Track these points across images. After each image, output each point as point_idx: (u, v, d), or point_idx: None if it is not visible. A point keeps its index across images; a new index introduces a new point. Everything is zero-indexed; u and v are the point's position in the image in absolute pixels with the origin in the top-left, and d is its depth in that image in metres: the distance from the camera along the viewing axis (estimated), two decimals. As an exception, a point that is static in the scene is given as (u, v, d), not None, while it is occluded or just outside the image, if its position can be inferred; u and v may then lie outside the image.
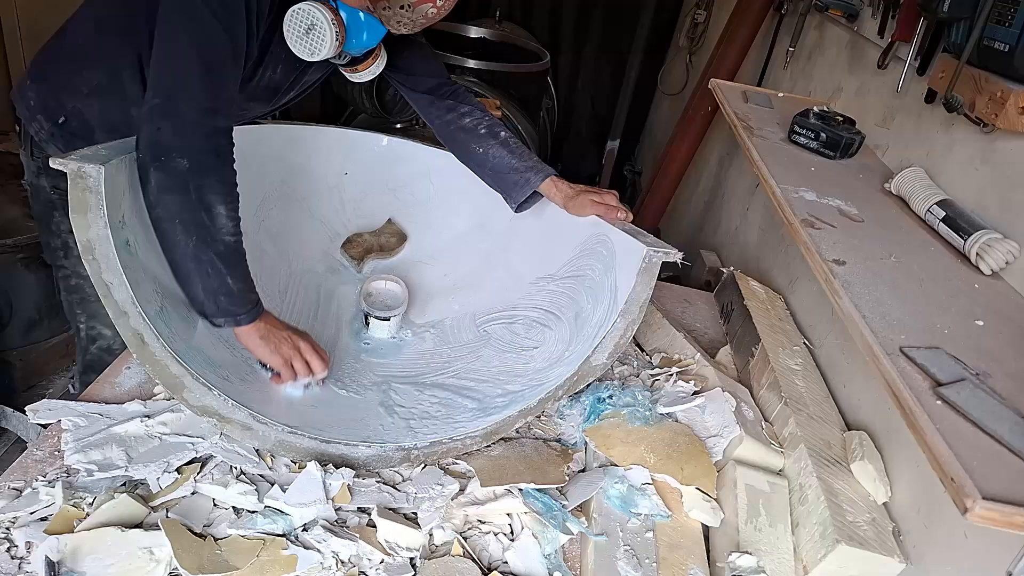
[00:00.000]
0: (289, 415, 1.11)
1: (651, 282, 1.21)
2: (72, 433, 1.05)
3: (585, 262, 1.37)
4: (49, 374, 2.10)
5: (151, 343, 1.04)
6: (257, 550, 0.92)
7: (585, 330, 1.27)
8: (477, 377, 1.32)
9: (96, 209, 1.02)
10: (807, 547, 1.01)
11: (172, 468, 1.02)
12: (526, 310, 1.42)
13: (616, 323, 1.20)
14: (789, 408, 1.19)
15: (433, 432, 1.16)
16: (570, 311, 1.35)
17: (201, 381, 1.06)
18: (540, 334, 1.36)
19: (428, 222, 1.62)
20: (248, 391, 1.12)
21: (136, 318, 1.03)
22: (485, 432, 1.15)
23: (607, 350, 1.19)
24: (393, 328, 1.40)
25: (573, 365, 1.20)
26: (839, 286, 0.97)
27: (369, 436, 1.12)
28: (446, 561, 0.96)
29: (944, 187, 1.22)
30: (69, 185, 1.01)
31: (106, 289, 1.02)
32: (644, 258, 1.21)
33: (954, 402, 0.77)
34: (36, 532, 0.91)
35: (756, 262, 1.89)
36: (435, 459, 1.13)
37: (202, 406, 1.05)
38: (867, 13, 1.63)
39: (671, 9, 3.49)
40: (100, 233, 1.02)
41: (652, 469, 1.13)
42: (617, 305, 1.22)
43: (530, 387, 1.24)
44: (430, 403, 1.25)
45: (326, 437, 1.09)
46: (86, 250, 1.02)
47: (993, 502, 0.65)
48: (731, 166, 2.39)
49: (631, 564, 0.98)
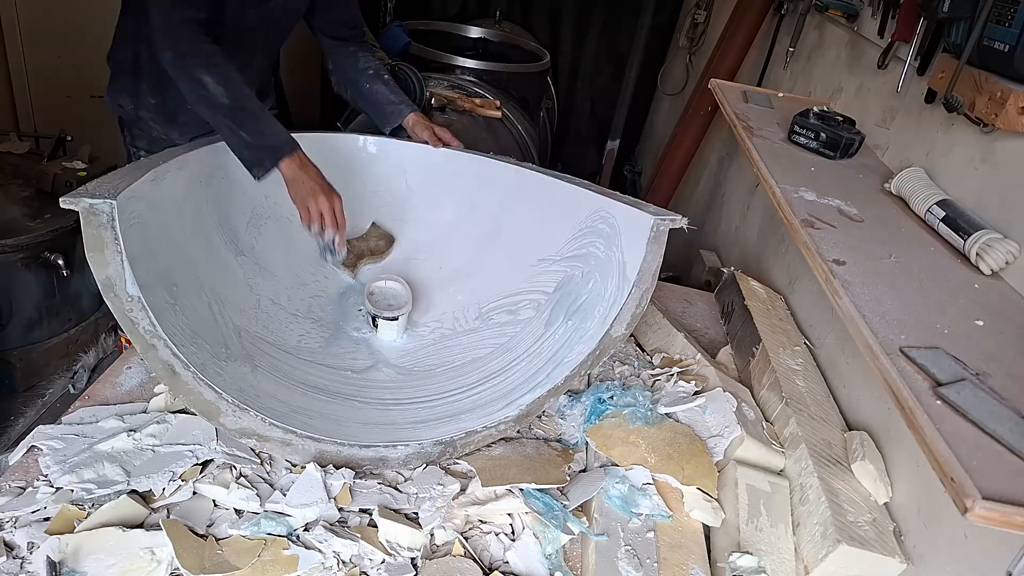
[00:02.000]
0: (323, 426, 1.11)
1: (660, 250, 1.25)
2: (51, 456, 1.02)
3: (588, 240, 1.39)
4: (49, 374, 2.10)
5: (182, 373, 1.03)
6: (258, 550, 0.92)
7: (599, 307, 1.28)
8: (494, 365, 1.32)
9: (112, 245, 1.01)
10: (808, 547, 1.02)
11: (177, 476, 1.01)
12: (530, 293, 1.43)
13: (631, 293, 1.22)
14: (790, 408, 1.19)
15: (465, 423, 1.16)
16: (575, 290, 1.35)
17: (236, 405, 1.05)
18: (547, 315, 1.37)
19: (412, 218, 1.62)
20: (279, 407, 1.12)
21: (164, 350, 1.02)
22: (518, 415, 1.17)
23: (625, 321, 1.21)
24: (402, 327, 1.40)
25: (593, 341, 1.21)
26: (839, 286, 0.97)
27: (403, 437, 1.13)
28: (447, 561, 0.96)
29: (944, 187, 1.22)
30: (82, 223, 1.00)
31: (131, 325, 1.01)
32: (652, 227, 1.25)
33: (954, 402, 0.78)
34: (38, 532, 0.91)
35: (756, 262, 1.89)
36: (472, 448, 1.14)
37: (240, 428, 1.05)
38: (867, 13, 1.63)
39: (671, 9, 3.49)
40: (118, 270, 1.01)
41: (653, 469, 1.13)
42: (627, 277, 1.25)
43: (551, 367, 1.25)
44: (455, 395, 1.25)
45: (364, 442, 1.10)
46: (106, 288, 1.00)
47: (993, 502, 0.66)
48: (731, 166, 2.39)
49: (632, 564, 0.98)
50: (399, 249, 1.59)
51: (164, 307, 1.06)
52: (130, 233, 1.04)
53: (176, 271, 1.15)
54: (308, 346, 1.33)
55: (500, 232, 1.53)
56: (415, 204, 1.62)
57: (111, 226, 1.01)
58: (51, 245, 1.93)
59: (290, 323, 1.35)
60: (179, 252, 1.19)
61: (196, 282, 1.20)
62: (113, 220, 1.01)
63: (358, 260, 1.53)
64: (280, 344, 1.29)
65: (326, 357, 1.32)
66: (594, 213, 1.38)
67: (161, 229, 1.15)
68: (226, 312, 1.23)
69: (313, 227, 1.30)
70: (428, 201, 1.61)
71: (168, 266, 1.13)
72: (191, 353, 1.05)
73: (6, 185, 2.07)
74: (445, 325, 1.45)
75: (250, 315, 1.29)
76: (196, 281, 1.20)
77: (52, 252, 1.93)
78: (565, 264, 1.41)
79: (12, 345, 1.99)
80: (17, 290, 1.93)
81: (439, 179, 1.58)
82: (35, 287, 1.97)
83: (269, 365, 1.21)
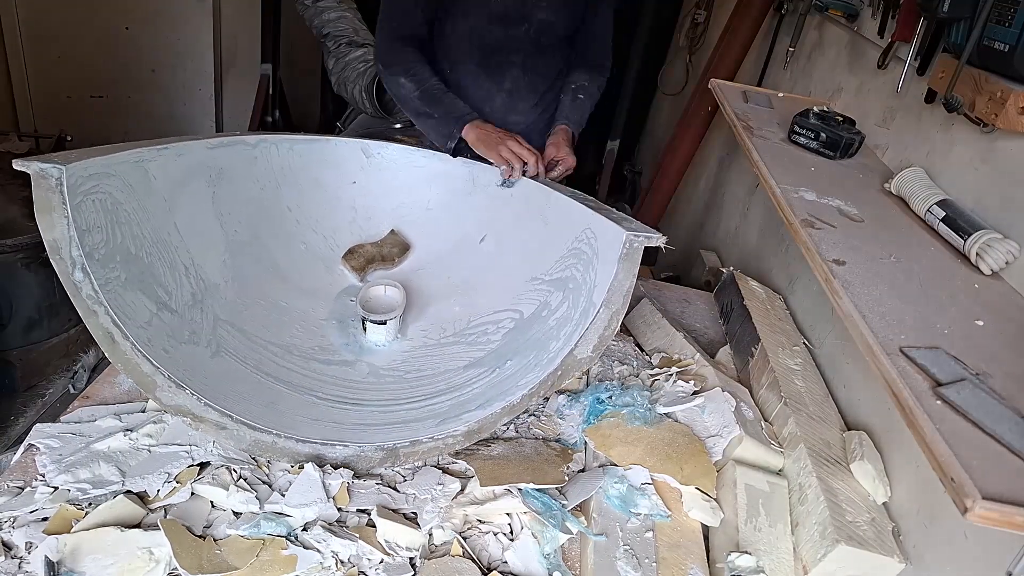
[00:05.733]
0: (264, 415, 1.10)
1: (633, 268, 1.18)
2: (48, 455, 1.02)
3: (570, 262, 1.36)
4: (49, 374, 2.10)
5: (121, 342, 1.05)
6: (256, 550, 0.92)
7: (565, 328, 1.24)
8: (459, 378, 1.30)
9: (59, 208, 1.04)
10: (806, 547, 1.01)
11: (172, 478, 1.01)
12: (514, 311, 1.41)
13: (599, 314, 1.17)
14: (789, 408, 1.19)
15: (415, 432, 1.14)
16: (551, 310, 1.33)
17: (173, 380, 1.06)
18: (524, 334, 1.34)
19: (431, 230, 1.60)
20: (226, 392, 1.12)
21: (105, 317, 1.04)
22: (467, 431, 1.13)
23: (591, 343, 1.16)
24: (390, 332, 1.39)
25: (555, 361, 1.17)
26: (839, 286, 0.97)
27: (345, 438, 1.11)
28: (445, 561, 0.96)
29: (944, 187, 1.22)
30: (33, 186, 1.03)
31: (75, 288, 1.04)
32: (624, 243, 1.19)
33: (954, 402, 0.77)
34: (36, 532, 0.90)
35: (756, 262, 1.89)
36: (417, 459, 1.12)
37: (175, 405, 1.05)
38: (867, 13, 1.63)
39: (671, 9, 3.48)
40: (64, 233, 1.04)
41: (652, 469, 1.13)
42: (593, 302, 1.20)
43: (509, 384, 1.22)
44: (412, 403, 1.24)
45: (301, 437, 1.08)
46: (53, 249, 1.04)
47: (993, 502, 0.65)
48: (731, 166, 2.39)
49: (630, 564, 0.98)
50: (412, 257, 1.58)
51: (115, 279, 1.08)
52: (89, 203, 1.08)
53: (151, 253, 1.17)
54: (289, 340, 1.32)
55: (504, 250, 1.53)
56: (436, 215, 1.61)
57: (59, 190, 1.04)
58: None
59: (280, 318, 1.35)
60: (161, 236, 1.21)
61: (179, 267, 1.22)
62: (61, 185, 1.04)
63: (368, 264, 1.52)
64: (258, 335, 1.28)
65: (303, 350, 1.31)
66: (581, 232, 1.34)
67: (139, 210, 1.18)
68: (207, 301, 1.23)
69: (511, 168, 1.47)
70: (448, 214, 1.60)
71: (139, 245, 1.16)
72: (134, 325, 1.07)
73: (6, 185, 2.07)
74: (431, 335, 1.43)
75: (237, 307, 1.29)
76: (179, 267, 1.22)
77: (52, 252, 1.93)
78: (548, 286, 1.38)
79: (12, 345, 1.99)
80: (17, 290, 1.93)
81: (463, 192, 1.57)
82: (35, 287, 1.97)
83: (237, 351, 1.21)
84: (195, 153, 1.32)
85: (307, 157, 1.51)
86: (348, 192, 1.57)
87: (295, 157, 1.50)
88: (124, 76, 3.23)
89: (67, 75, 3.09)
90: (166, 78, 3.33)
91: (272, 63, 3.00)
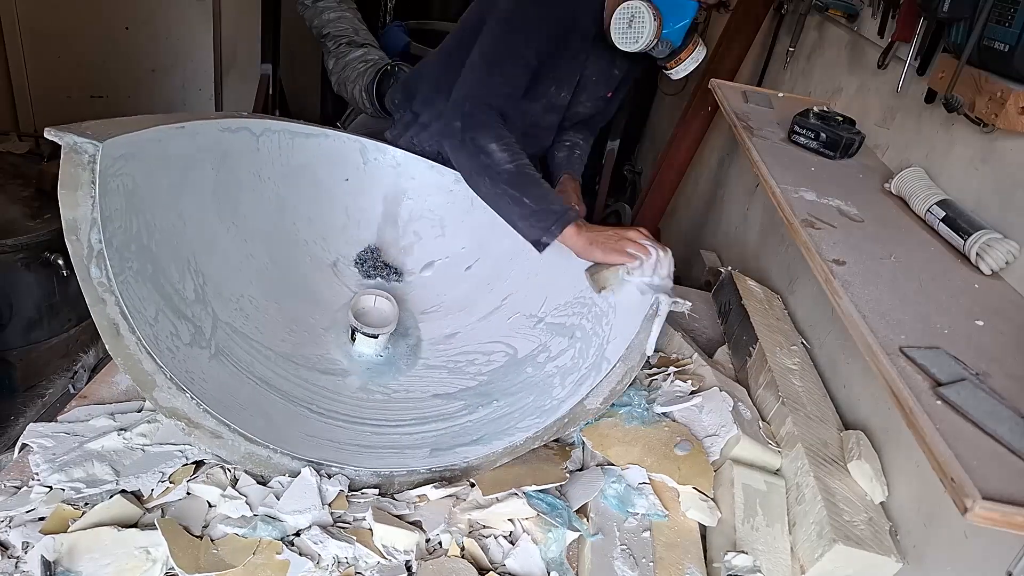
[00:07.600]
0: (262, 428, 1.06)
1: (656, 329, 1.16)
2: (41, 455, 1.00)
3: (576, 310, 1.33)
4: (49, 374, 2.10)
5: (126, 335, 0.99)
6: (253, 548, 0.91)
7: (571, 376, 1.22)
8: (453, 407, 1.27)
9: (87, 187, 0.96)
10: (804, 546, 1.01)
11: (167, 477, 1.00)
12: (508, 346, 1.38)
13: (615, 368, 1.16)
14: (786, 407, 1.19)
15: (409, 459, 1.12)
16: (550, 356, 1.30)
17: (175, 381, 1.00)
18: (516, 374, 1.31)
19: (428, 241, 1.59)
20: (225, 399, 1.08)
21: (113, 307, 0.98)
22: (466, 467, 1.09)
23: (602, 395, 1.15)
24: (380, 345, 1.36)
25: (559, 409, 1.15)
26: (839, 286, 0.97)
27: (340, 459, 1.07)
28: (442, 562, 0.95)
29: (944, 187, 1.22)
30: (62, 159, 0.96)
31: (85, 272, 0.97)
32: (652, 304, 1.18)
33: (954, 402, 0.77)
34: (32, 532, 0.90)
35: (756, 262, 1.89)
36: (394, 491, 1.07)
37: (171, 408, 1.00)
38: (867, 13, 1.63)
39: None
40: (87, 214, 0.97)
41: (649, 468, 1.12)
42: (605, 356, 1.18)
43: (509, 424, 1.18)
44: (407, 428, 1.21)
45: (298, 454, 1.03)
46: (70, 229, 0.96)
47: (993, 502, 0.65)
48: (731, 166, 2.38)
49: (628, 564, 0.98)
50: (406, 270, 1.58)
51: (128, 270, 1.03)
52: (113, 186, 1.01)
53: (160, 243, 1.12)
54: (285, 346, 1.30)
55: (502, 276, 1.51)
56: (434, 227, 1.60)
57: (91, 168, 0.97)
58: (51, 245, 1.92)
59: (277, 320, 1.33)
60: (167, 224, 1.16)
61: (182, 261, 1.18)
62: (94, 163, 0.97)
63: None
64: (255, 337, 1.25)
65: (299, 358, 1.29)
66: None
67: (153, 198, 1.12)
68: (208, 299, 1.20)
69: (644, 263, 1.20)
70: (449, 227, 1.59)
71: (150, 234, 1.10)
72: (142, 319, 1.01)
73: (6, 185, 2.07)
74: (419, 355, 1.40)
75: (236, 307, 1.27)
76: (182, 260, 1.18)
77: (52, 252, 1.93)
78: (549, 330, 1.36)
79: (12, 345, 1.98)
80: (17, 290, 1.93)
81: (461, 208, 1.56)
82: (35, 287, 1.97)
83: (233, 354, 1.18)
84: (208, 134, 1.28)
85: (308, 152, 1.50)
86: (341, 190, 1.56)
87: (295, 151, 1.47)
88: (124, 76, 3.23)
89: (67, 75, 3.08)
90: (166, 78, 3.33)
91: (272, 63, 2.99)
